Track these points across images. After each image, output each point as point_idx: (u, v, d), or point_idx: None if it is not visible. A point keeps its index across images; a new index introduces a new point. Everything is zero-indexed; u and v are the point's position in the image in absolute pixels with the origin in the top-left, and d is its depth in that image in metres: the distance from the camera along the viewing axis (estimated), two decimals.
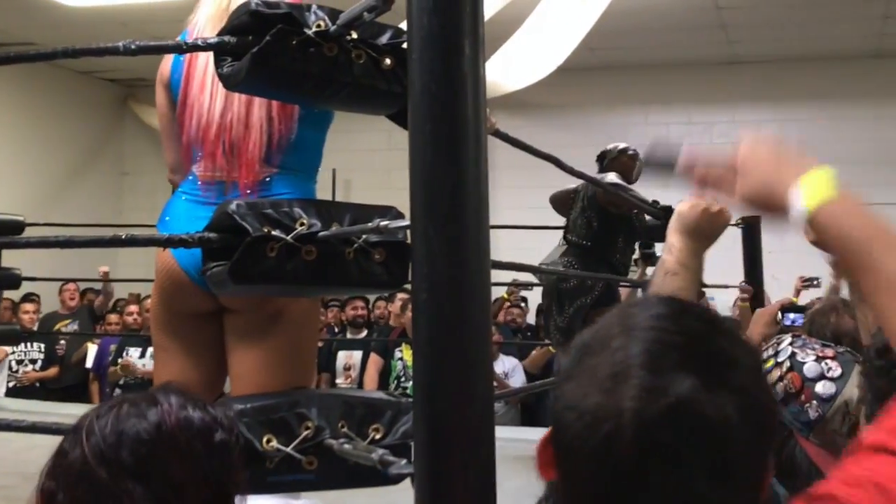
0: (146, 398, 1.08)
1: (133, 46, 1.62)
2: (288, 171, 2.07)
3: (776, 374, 1.54)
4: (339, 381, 6.25)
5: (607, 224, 4.20)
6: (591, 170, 4.37)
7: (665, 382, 0.75)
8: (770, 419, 0.81)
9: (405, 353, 5.67)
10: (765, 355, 1.59)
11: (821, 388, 1.47)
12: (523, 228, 5.90)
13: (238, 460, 1.06)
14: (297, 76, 1.51)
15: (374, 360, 5.83)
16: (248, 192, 2.06)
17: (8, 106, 8.71)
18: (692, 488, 0.74)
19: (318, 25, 1.50)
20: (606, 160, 4.41)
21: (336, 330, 7.02)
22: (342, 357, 6.32)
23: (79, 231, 5.09)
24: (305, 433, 1.36)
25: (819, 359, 1.50)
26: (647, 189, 3.93)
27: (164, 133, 2.20)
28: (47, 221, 5.94)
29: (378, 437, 1.41)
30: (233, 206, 1.46)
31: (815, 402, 1.47)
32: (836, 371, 1.47)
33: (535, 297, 8.32)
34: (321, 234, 1.47)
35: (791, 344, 1.56)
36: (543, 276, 4.40)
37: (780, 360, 1.55)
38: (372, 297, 6.97)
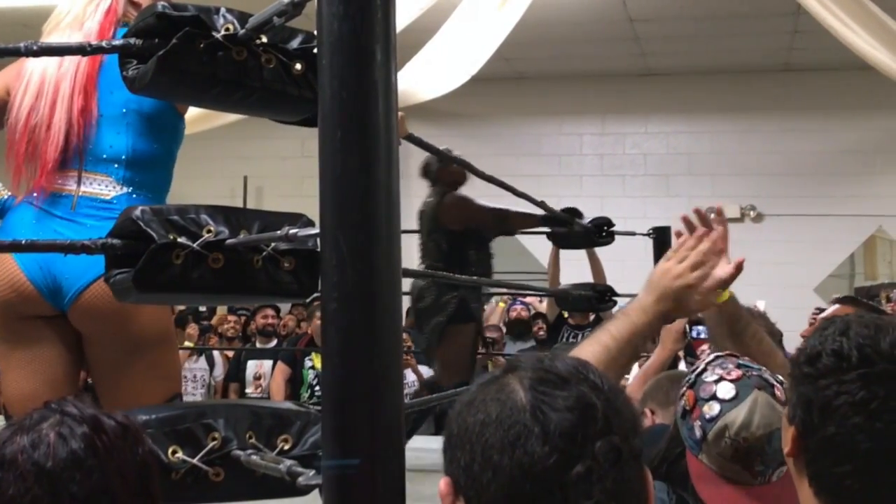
0: (60, 417, 1.06)
1: (35, 48, 1.56)
2: (136, 191, 2.13)
3: (683, 389, 1.57)
4: (248, 390, 6.18)
5: (455, 242, 4.19)
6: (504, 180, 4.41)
7: None
8: None
9: (316, 362, 5.63)
10: (689, 371, 1.62)
11: (707, 408, 1.49)
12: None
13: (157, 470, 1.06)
14: (204, 80, 1.48)
15: (281, 369, 5.78)
16: (94, 204, 2.10)
17: None
18: None
19: (227, 29, 1.48)
20: (433, 171, 4.32)
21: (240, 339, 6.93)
22: (252, 366, 6.26)
23: None
24: (212, 444, 1.33)
25: (720, 380, 1.51)
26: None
27: None
28: None
29: (287, 447, 1.39)
30: (137, 213, 1.42)
31: (699, 421, 1.49)
32: (730, 394, 1.49)
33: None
34: (228, 241, 1.44)
35: (709, 362, 1.58)
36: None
37: (690, 376, 1.58)
38: (285, 308, 6.89)
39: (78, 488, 1.01)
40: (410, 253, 3.61)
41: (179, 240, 1.41)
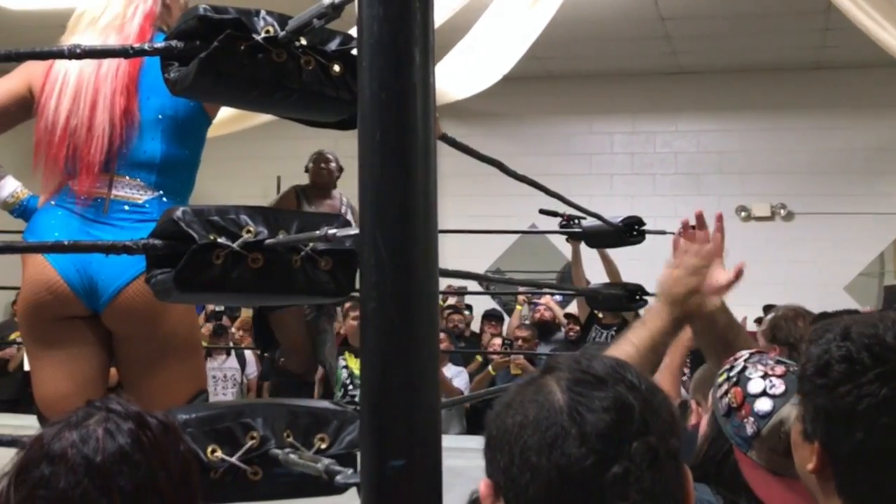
0: (106, 413, 1.08)
1: (78, 50, 1.59)
2: (167, 195, 2.16)
3: (724, 388, 1.56)
4: None
5: None
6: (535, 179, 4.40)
7: None
8: None
9: (349, 361, 5.64)
10: (721, 370, 1.62)
11: (759, 404, 1.49)
12: (471, 233, 5.95)
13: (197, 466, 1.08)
14: (244, 82, 1.50)
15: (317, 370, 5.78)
16: (126, 208, 2.13)
17: None
18: None
19: (267, 31, 1.49)
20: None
21: None
22: None
23: (5, 238, 5.00)
24: (250, 443, 1.35)
25: (765, 375, 1.52)
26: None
27: None
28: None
29: (323, 446, 1.40)
30: (178, 213, 1.44)
31: (752, 417, 1.49)
32: (779, 389, 1.49)
33: (480, 303, 8.35)
34: (268, 241, 1.46)
35: (746, 360, 1.58)
36: None
37: (731, 374, 1.57)
38: None
39: (126, 482, 1.03)
40: (443, 251, 3.62)
41: (219, 240, 1.43)
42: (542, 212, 5.65)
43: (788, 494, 1.43)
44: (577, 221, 5.00)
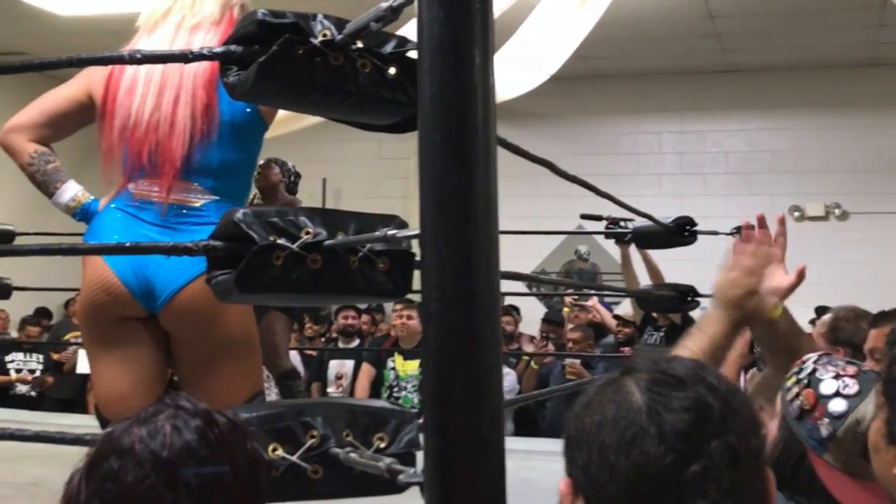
0: (175, 410, 1.10)
1: (138, 56, 1.62)
2: (222, 199, 2.19)
3: (795, 391, 1.55)
4: (330, 389, 6.26)
5: None
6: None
7: None
8: None
9: (397, 363, 5.67)
10: (789, 373, 1.60)
11: (833, 405, 1.47)
12: (517, 234, 5.93)
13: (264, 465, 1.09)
14: (303, 85, 1.52)
15: (367, 371, 5.82)
16: (184, 211, 2.16)
17: None
18: None
19: (324, 35, 1.51)
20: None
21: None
22: (334, 366, 6.32)
23: (67, 240, 5.10)
24: (311, 442, 1.36)
25: (837, 376, 1.50)
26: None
27: (49, 101, 2.27)
28: (37, 230, 5.92)
29: (382, 445, 1.41)
30: (239, 215, 1.46)
31: (826, 419, 1.47)
32: (853, 389, 1.47)
33: (527, 304, 8.34)
34: (327, 242, 1.47)
35: (815, 362, 1.56)
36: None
37: (800, 377, 1.55)
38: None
39: (191, 477, 1.04)
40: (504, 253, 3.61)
41: (279, 241, 1.44)
42: (584, 217, 5.65)
43: (866, 496, 1.41)
44: (624, 224, 4.99)
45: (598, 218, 5.35)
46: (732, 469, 0.86)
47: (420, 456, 1.41)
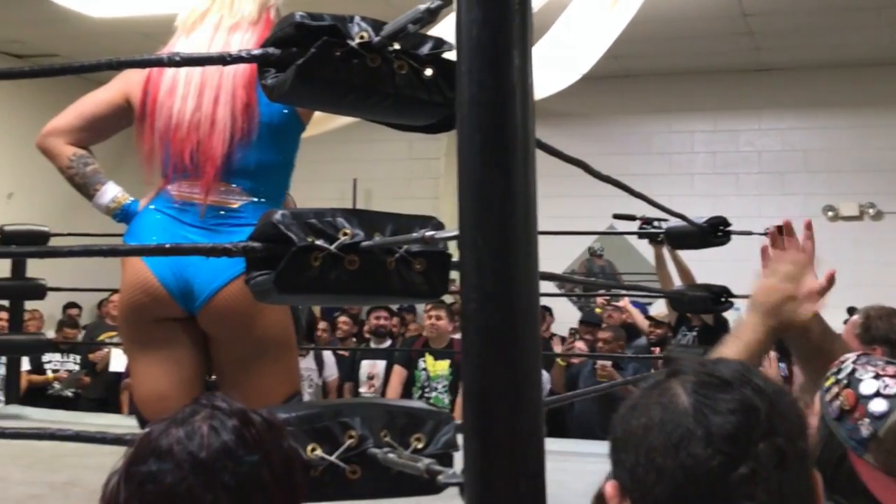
0: (211, 411, 1.10)
1: (177, 58, 1.63)
2: (260, 200, 2.20)
3: (834, 391, 1.53)
4: (362, 389, 6.26)
5: None
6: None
7: None
8: None
9: (428, 363, 5.67)
10: (828, 373, 1.58)
11: (874, 405, 1.45)
12: (549, 234, 5.91)
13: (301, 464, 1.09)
14: (340, 87, 1.52)
15: (398, 372, 5.82)
16: (222, 213, 2.18)
17: (31, 117, 8.79)
18: None
19: (362, 37, 1.51)
20: None
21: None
22: (365, 366, 6.32)
23: (101, 241, 5.15)
24: (349, 442, 1.37)
25: (877, 376, 1.48)
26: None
27: (86, 104, 2.29)
28: (70, 231, 5.99)
29: (420, 446, 1.41)
30: (278, 216, 1.47)
31: (867, 419, 1.45)
32: (893, 388, 1.45)
33: (559, 305, 8.32)
34: (364, 243, 1.48)
35: (854, 361, 1.55)
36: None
37: (839, 377, 1.54)
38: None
39: (230, 478, 1.05)
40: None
41: (317, 242, 1.45)
42: (616, 216, 5.62)
43: None
44: (657, 224, 4.97)
45: (632, 218, 5.32)
46: (780, 471, 0.86)
47: (458, 456, 1.42)
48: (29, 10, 7.55)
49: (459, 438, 1.41)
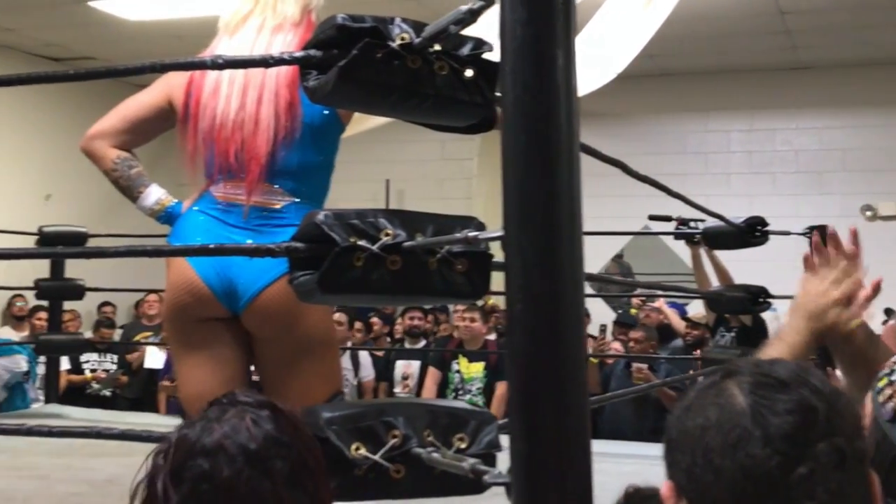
0: (241, 406, 1.11)
1: (221, 61, 1.65)
2: (302, 200, 2.21)
3: (887, 392, 1.51)
4: (396, 389, 6.28)
5: None
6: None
7: None
8: None
9: (461, 365, 5.67)
10: (880, 374, 1.57)
11: None
12: (592, 235, 5.90)
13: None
14: (381, 88, 1.53)
15: (432, 374, 5.83)
16: (265, 214, 2.19)
17: (68, 120, 8.91)
18: None
19: (402, 38, 1.52)
20: None
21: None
22: (400, 366, 6.34)
23: (138, 242, 5.20)
24: (393, 441, 1.37)
25: None
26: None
27: (130, 107, 2.31)
28: (108, 232, 6.05)
29: (463, 446, 1.42)
30: (320, 217, 1.48)
31: None
32: None
33: (595, 306, 8.28)
34: (406, 244, 1.48)
35: None
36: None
37: (892, 378, 1.52)
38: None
39: (283, 464, 1.07)
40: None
41: (360, 243, 1.46)
42: (652, 217, 5.58)
43: None
44: (694, 224, 4.94)
45: (667, 219, 5.29)
46: (839, 471, 0.85)
47: (500, 457, 1.42)
48: (66, 14, 7.65)
49: (502, 439, 1.42)
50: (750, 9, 7.24)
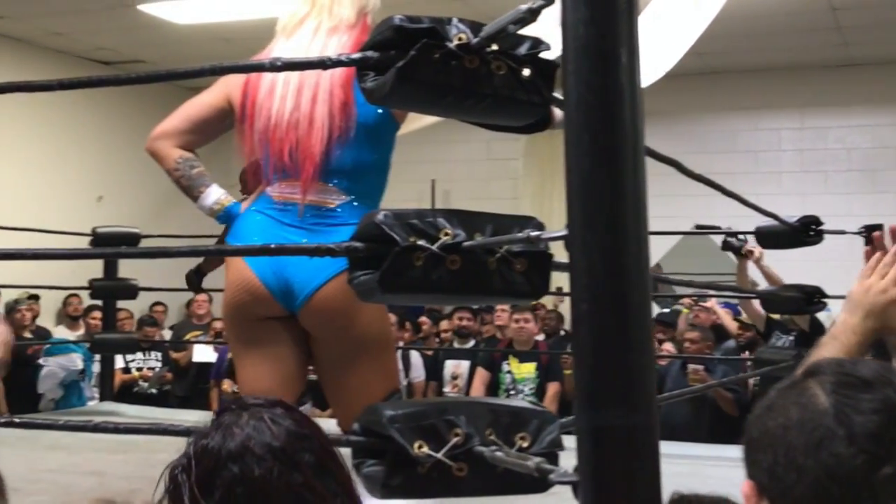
0: (251, 409, 1.14)
1: (279, 63, 1.67)
2: (357, 199, 2.23)
3: None
4: (446, 389, 6.28)
5: None
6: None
7: None
8: None
9: (512, 366, 5.66)
10: None
11: None
12: (657, 235, 5.89)
13: None
14: (439, 89, 1.53)
15: (481, 374, 5.82)
16: (320, 212, 2.21)
17: (119, 123, 9.05)
18: None
19: (460, 38, 1.52)
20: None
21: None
22: (449, 366, 6.34)
23: (190, 242, 5.27)
24: (455, 440, 1.37)
25: None
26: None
27: (192, 108, 2.34)
28: (161, 233, 6.13)
29: (525, 445, 1.42)
30: (380, 217, 1.49)
31: None
32: None
33: None
34: (465, 243, 1.49)
35: None
36: None
37: None
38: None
39: (309, 455, 1.09)
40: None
41: (419, 242, 1.47)
42: (698, 227, 5.52)
43: None
44: (742, 238, 4.90)
45: (716, 230, 5.25)
46: None
47: (562, 456, 1.41)
48: (115, 18, 7.77)
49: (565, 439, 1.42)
50: (800, 5, 7.14)
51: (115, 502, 1.19)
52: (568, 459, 1.32)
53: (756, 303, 4.74)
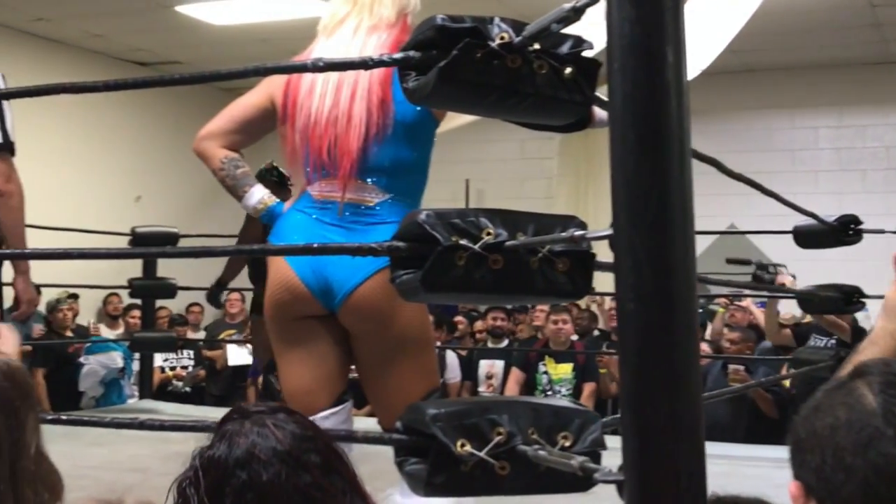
0: (253, 415, 1.15)
1: (321, 63, 1.68)
2: (396, 197, 2.24)
3: None
4: (480, 389, 6.29)
5: None
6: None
7: None
8: None
9: (549, 367, 5.65)
10: None
11: None
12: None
13: None
14: (481, 88, 1.53)
15: (515, 375, 5.82)
16: (359, 210, 2.22)
17: (157, 123, 9.14)
18: None
19: (502, 38, 1.52)
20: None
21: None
22: (484, 366, 6.35)
23: (227, 242, 5.31)
24: (497, 438, 1.38)
25: None
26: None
27: (237, 108, 2.36)
28: (198, 233, 6.18)
29: (567, 444, 1.42)
30: (422, 216, 1.50)
31: None
32: None
33: None
34: (508, 243, 1.49)
35: None
36: None
37: None
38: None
39: (315, 456, 1.10)
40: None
41: (462, 242, 1.47)
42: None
43: None
44: (773, 270, 4.89)
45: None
46: None
47: (605, 455, 1.41)
48: (153, 19, 7.84)
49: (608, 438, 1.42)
50: (838, 1, 7.06)
51: (111, 501, 1.20)
52: (608, 459, 1.32)
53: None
